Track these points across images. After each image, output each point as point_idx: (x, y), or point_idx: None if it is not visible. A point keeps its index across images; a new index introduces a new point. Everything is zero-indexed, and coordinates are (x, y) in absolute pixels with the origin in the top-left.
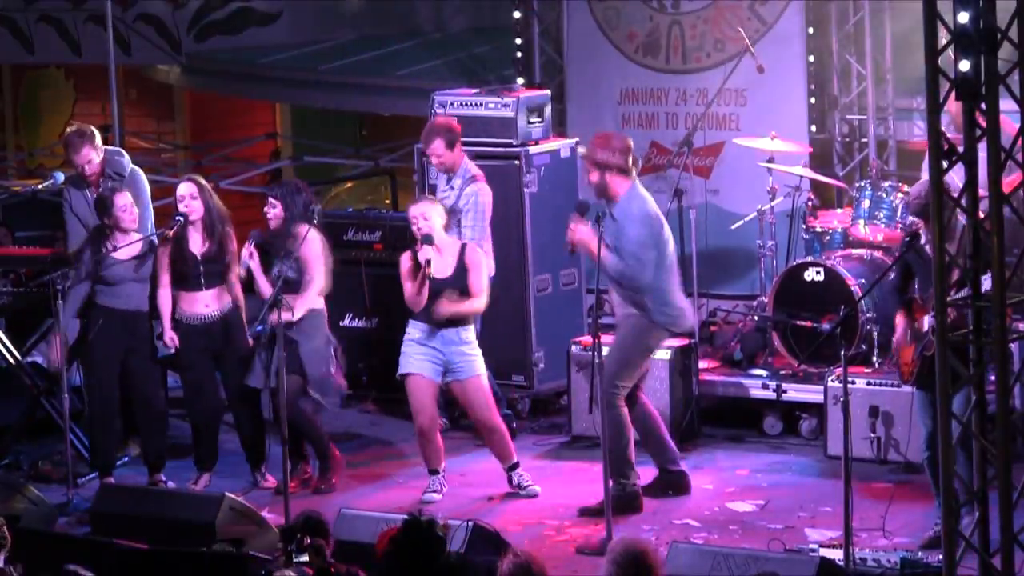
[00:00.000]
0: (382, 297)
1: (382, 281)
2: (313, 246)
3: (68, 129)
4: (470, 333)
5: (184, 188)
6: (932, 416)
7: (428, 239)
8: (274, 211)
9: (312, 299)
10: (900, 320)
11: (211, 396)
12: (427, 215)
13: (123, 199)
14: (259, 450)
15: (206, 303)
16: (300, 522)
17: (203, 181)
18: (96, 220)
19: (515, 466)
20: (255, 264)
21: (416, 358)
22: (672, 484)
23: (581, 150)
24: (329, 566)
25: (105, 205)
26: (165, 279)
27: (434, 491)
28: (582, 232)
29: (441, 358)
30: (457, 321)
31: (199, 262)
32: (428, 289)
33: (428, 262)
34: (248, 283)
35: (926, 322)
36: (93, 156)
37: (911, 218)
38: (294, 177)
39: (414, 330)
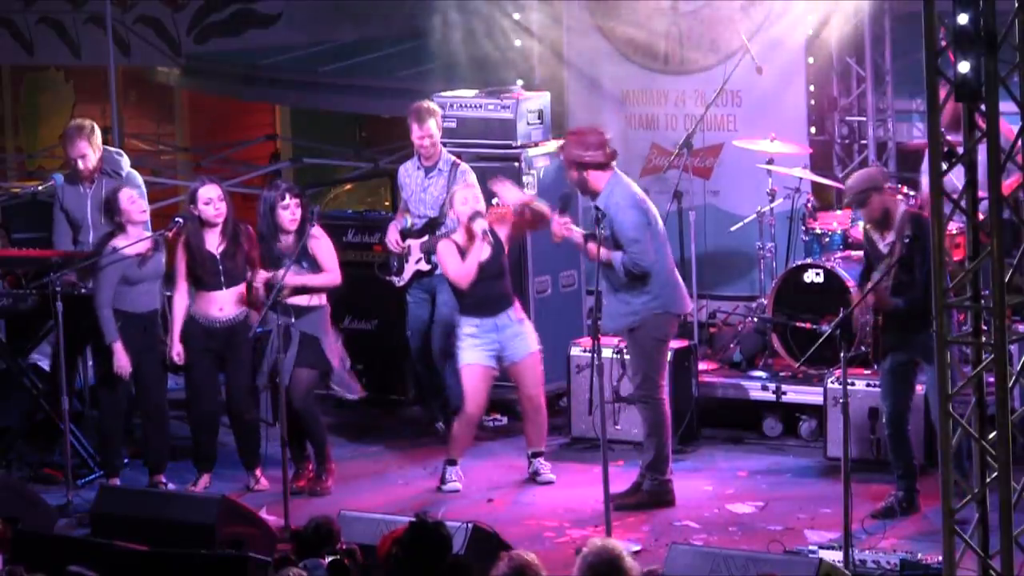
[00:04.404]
0: (382, 299)
1: (382, 283)
2: (328, 243)
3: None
4: (519, 311)
5: (212, 191)
6: (887, 393)
7: (478, 215)
8: (298, 212)
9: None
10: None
11: (211, 397)
12: (469, 197)
13: (127, 193)
14: (255, 453)
15: (220, 306)
16: (312, 528)
17: (218, 181)
18: (87, 214)
19: (540, 453)
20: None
21: (472, 350)
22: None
23: (557, 147)
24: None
25: (112, 204)
26: (183, 286)
27: (455, 480)
28: (568, 228)
29: (498, 346)
30: (505, 303)
31: (218, 261)
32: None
33: (485, 233)
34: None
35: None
36: (88, 152)
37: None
38: (293, 179)
39: (469, 326)
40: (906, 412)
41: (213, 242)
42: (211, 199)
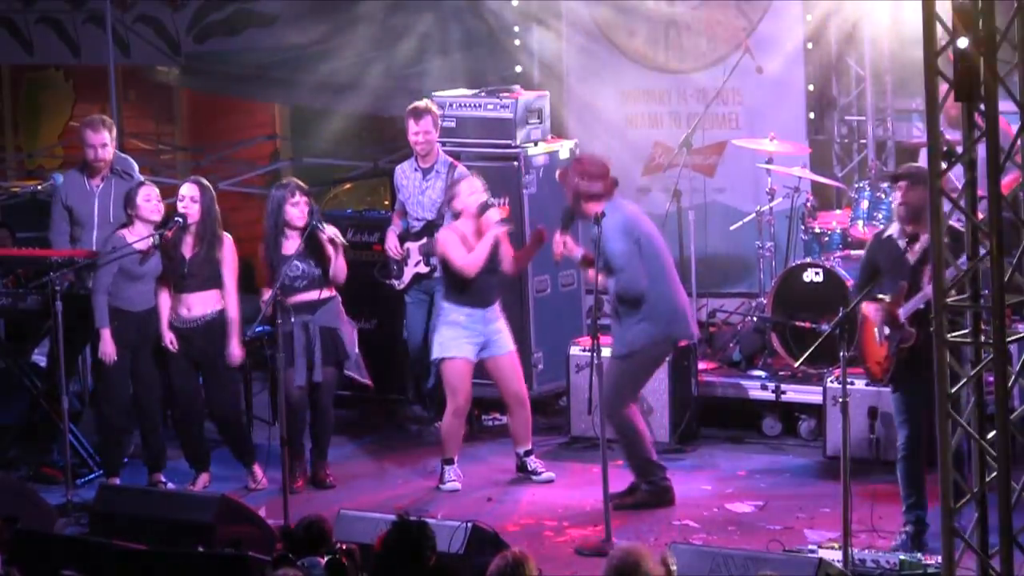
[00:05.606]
0: (382, 299)
1: (382, 283)
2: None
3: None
4: (499, 307)
5: (186, 189)
6: (911, 417)
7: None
8: (306, 209)
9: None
10: (869, 320)
11: (190, 398)
12: (477, 187)
13: (146, 191)
14: (247, 451)
15: (188, 307)
16: (303, 527)
17: (206, 184)
18: (93, 212)
19: (530, 452)
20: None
21: (456, 341)
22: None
23: (559, 174)
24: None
25: (130, 197)
26: (164, 283)
27: (454, 479)
28: (569, 246)
29: (480, 339)
30: (496, 296)
31: (185, 264)
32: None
33: (500, 222)
34: (245, 284)
35: (901, 315)
36: (108, 141)
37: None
38: (292, 178)
39: (457, 314)
40: (924, 438)
41: (187, 244)
42: (184, 196)
